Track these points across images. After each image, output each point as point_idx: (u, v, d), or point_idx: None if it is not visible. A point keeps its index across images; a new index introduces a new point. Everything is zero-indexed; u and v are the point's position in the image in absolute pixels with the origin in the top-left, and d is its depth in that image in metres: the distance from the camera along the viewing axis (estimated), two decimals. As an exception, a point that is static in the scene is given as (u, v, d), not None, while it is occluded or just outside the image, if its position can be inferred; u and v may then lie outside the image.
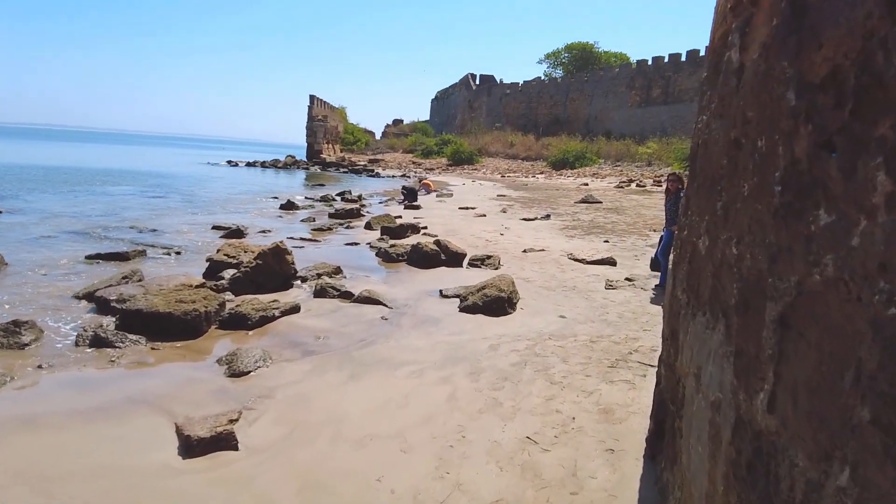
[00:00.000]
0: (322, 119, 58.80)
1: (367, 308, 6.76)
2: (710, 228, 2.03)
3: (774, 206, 1.41)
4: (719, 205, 1.93)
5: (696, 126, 2.87)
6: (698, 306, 2.17)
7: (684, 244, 2.71)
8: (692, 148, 2.94)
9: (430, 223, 14.53)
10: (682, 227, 2.90)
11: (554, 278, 8.57)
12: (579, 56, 64.06)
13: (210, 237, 12.72)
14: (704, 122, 2.45)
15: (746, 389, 1.51)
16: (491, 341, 5.58)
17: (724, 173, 1.90)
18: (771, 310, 1.38)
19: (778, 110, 1.44)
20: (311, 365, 5.04)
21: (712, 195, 2.05)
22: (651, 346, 5.44)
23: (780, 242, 1.37)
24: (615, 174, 36.09)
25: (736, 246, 1.67)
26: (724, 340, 1.71)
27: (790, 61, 1.41)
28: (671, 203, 7.80)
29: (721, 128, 2.04)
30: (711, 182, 2.09)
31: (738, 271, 1.63)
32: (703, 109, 2.67)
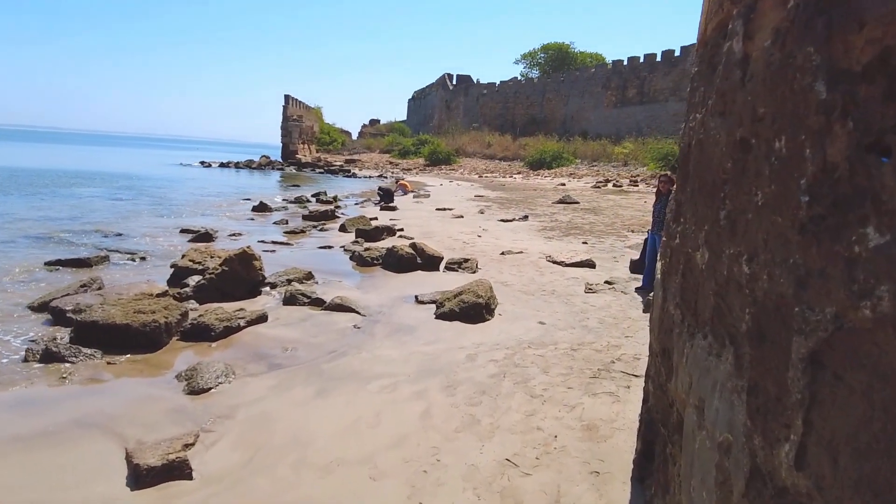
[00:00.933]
0: (297, 119, 58.10)
1: (338, 316, 6.46)
2: (712, 240, 1.79)
3: (800, 219, 1.18)
4: (723, 214, 1.70)
5: (687, 125, 2.65)
6: (697, 326, 1.94)
7: (675, 254, 2.48)
8: (682, 149, 2.72)
9: (406, 225, 14.25)
10: (671, 234, 2.67)
11: (533, 282, 8.36)
12: (555, 56, 64.25)
13: (178, 241, 12.30)
14: (699, 121, 2.22)
15: (765, 435, 1.28)
16: (468, 351, 5.33)
17: (729, 178, 1.67)
18: (799, 345, 1.15)
19: (802, 105, 1.21)
20: (276, 380, 4.73)
21: (713, 202, 1.82)
22: (633, 354, 5.24)
23: (810, 264, 1.14)
24: (592, 174, 36.14)
25: (747, 264, 1.44)
26: (734, 373, 1.48)
27: (818, 47, 1.18)
28: (662, 205, 7.60)
29: (722, 127, 1.81)
30: (711, 187, 1.86)
31: (752, 294, 1.40)
32: (696, 107, 2.45)
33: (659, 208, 7.67)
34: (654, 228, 7.70)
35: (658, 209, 7.68)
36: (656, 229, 7.63)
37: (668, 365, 2.41)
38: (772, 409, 1.26)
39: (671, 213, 2.77)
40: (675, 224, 2.58)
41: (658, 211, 7.68)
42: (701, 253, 1.93)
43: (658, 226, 7.59)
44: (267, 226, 15.02)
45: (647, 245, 7.88)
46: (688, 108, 2.90)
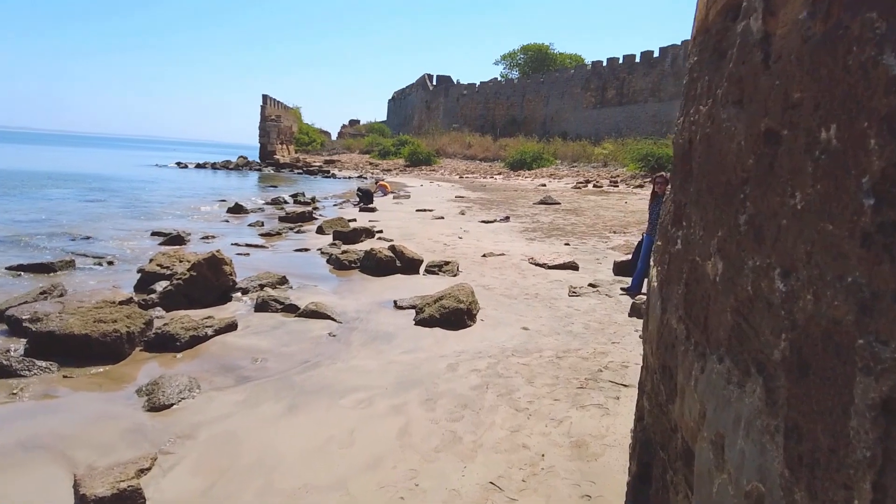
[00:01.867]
0: (275, 119, 57.38)
1: (313, 323, 6.16)
2: (728, 249, 1.56)
3: (863, 227, 0.94)
4: (743, 218, 1.46)
5: (685, 120, 2.43)
6: (708, 345, 1.70)
7: (676, 261, 2.24)
8: (680, 145, 2.49)
9: (385, 226, 13.95)
10: (670, 239, 2.44)
11: (515, 285, 8.12)
12: (535, 57, 64.36)
13: (148, 244, 11.88)
14: (704, 114, 1.99)
15: (812, 492, 1.04)
16: (449, 360, 5.07)
17: (751, 176, 1.43)
18: (866, 388, 0.90)
19: (862, 84, 0.97)
20: (244, 394, 4.43)
21: (728, 205, 1.58)
22: (621, 362, 5.02)
23: (878, 285, 0.90)
24: (572, 175, 36.10)
25: (782, 279, 1.20)
26: (765, 409, 1.24)
27: (883, 11, 0.94)
28: (657, 206, 7.40)
29: (739, 118, 1.57)
30: (725, 188, 1.63)
31: (789, 316, 1.16)
32: (697, 99, 2.22)
33: (655, 209, 7.46)
34: (650, 230, 7.51)
35: (654, 210, 7.47)
36: (654, 232, 7.45)
37: (671, 385, 2.17)
38: (822, 462, 1.01)
39: (669, 216, 2.54)
40: (675, 228, 2.34)
41: (654, 212, 7.48)
42: (713, 262, 1.69)
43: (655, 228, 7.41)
44: (242, 228, 14.62)
45: (643, 246, 7.67)
46: (684, 103, 2.67)
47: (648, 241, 7.52)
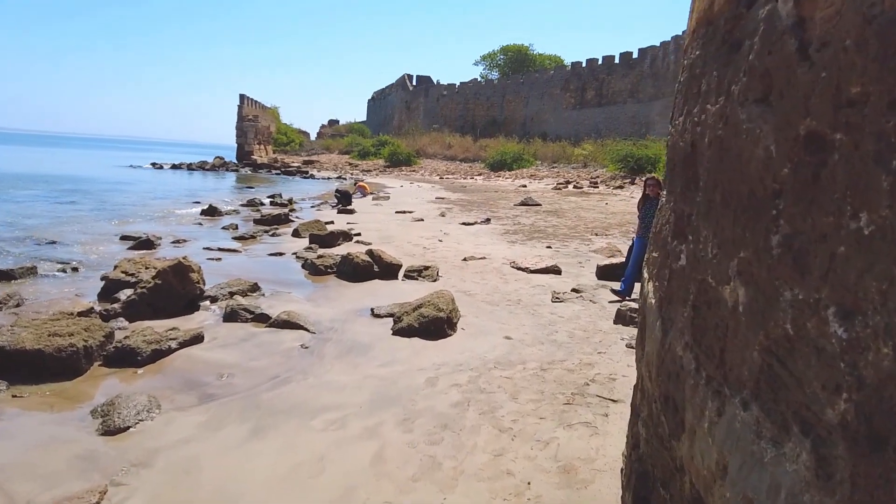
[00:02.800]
0: (253, 119, 56.62)
1: (284, 334, 5.84)
2: (753, 273, 1.31)
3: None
4: (775, 239, 1.21)
5: (688, 119, 2.19)
6: (727, 385, 1.46)
7: (680, 279, 2.00)
8: (681, 148, 2.25)
9: (364, 229, 13.63)
10: (671, 253, 2.20)
11: (497, 291, 7.88)
12: (514, 58, 64.37)
13: (116, 249, 11.42)
14: (714, 113, 1.75)
15: None
16: (428, 373, 4.80)
17: (786, 189, 1.19)
18: None
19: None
20: (206, 415, 4.11)
21: (754, 222, 1.33)
22: (608, 374, 4.79)
23: None
24: (552, 175, 36.03)
25: (841, 322, 0.95)
26: (818, 484, 0.99)
27: None
28: (651, 210, 7.18)
29: (766, 118, 1.33)
30: (748, 200, 1.38)
31: (853, 370, 0.91)
32: (703, 97, 1.98)
33: (649, 212, 7.25)
34: (641, 233, 7.30)
35: (647, 213, 7.26)
36: (646, 234, 7.24)
37: (675, 419, 1.93)
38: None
39: (669, 227, 2.29)
40: (678, 241, 2.10)
41: (646, 215, 7.27)
42: (732, 288, 1.44)
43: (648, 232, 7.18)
44: (215, 231, 14.19)
45: (633, 249, 7.46)
46: (684, 102, 2.43)
47: (640, 243, 7.32)
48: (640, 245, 7.31)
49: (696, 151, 2.03)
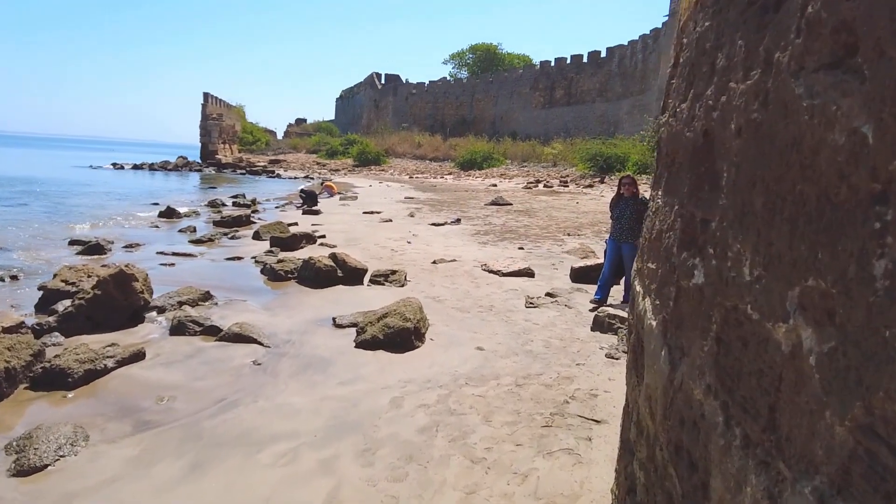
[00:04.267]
0: (217, 118, 55.23)
1: (235, 349, 5.33)
2: (835, 313, 0.91)
3: None
4: (880, 266, 0.81)
5: (700, 103, 1.80)
6: (784, 461, 1.06)
7: (695, 302, 1.61)
8: (689, 139, 1.86)
9: (329, 231, 13.10)
10: (678, 267, 1.81)
11: (468, 296, 7.47)
12: (484, 57, 64.17)
13: (63, 254, 10.69)
14: (746, 91, 1.35)
15: None
16: (393, 392, 4.36)
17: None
18: None
19: None
20: (139, 447, 3.60)
21: (835, 239, 0.93)
22: (589, 390, 4.42)
23: None
24: (522, 175, 35.85)
25: None
26: None
27: None
28: (628, 209, 6.81)
29: (848, 90, 0.93)
30: (821, 210, 0.98)
31: None
32: (720, 73, 1.59)
33: (622, 212, 6.87)
34: (616, 234, 6.93)
35: (622, 213, 6.88)
36: (622, 236, 6.85)
37: (693, 481, 1.53)
38: None
39: (674, 235, 1.90)
40: (689, 253, 1.70)
41: (620, 216, 6.89)
42: (791, 328, 1.04)
43: (626, 233, 6.79)
44: (172, 234, 13.49)
45: (607, 252, 7.09)
46: (686, 85, 2.05)
47: (613, 245, 6.96)
48: (614, 247, 6.96)
49: (711, 142, 1.64)
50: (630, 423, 2.45)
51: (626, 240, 6.79)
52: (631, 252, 6.81)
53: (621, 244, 6.86)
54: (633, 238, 6.76)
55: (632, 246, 6.77)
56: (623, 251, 6.87)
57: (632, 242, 6.74)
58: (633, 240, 6.77)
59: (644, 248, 2.55)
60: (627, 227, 6.78)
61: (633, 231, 6.73)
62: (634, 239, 6.79)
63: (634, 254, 6.97)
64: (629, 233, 6.73)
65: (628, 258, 6.80)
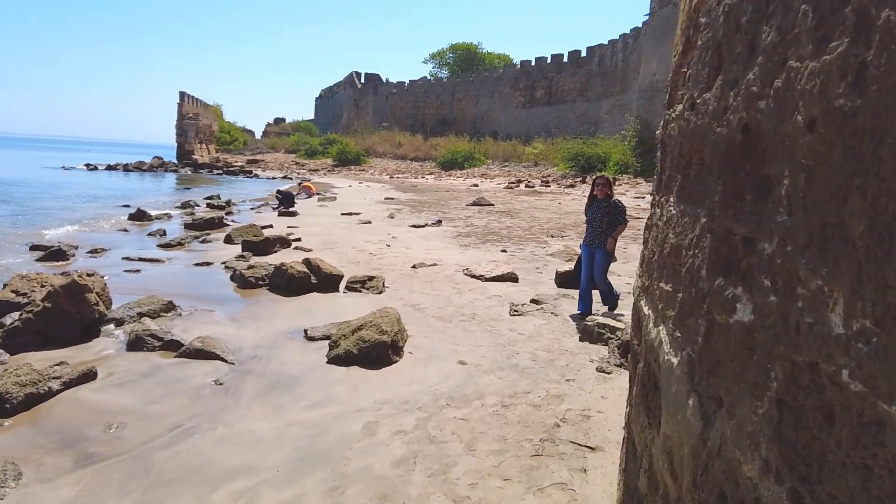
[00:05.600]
0: (193, 117, 54.27)
1: (196, 366, 4.90)
2: None
3: None
4: None
5: (735, 92, 1.45)
6: None
7: (742, 346, 1.26)
8: (718, 137, 1.51)
9: (305, 233, 12.63)
10: (708, 295, 1.46)
11: (450, 303, 7.10)
12: (464, 56, 63.90)
13: (22, 260, 10.10)
14: (822, 70, 1.00)
15: None
16: (367, 416, 3.97)
17: None
18: None
19: None
20: (78, 487, 3.17)
21: None
22: (580, 410, 4.07)
23: None
24: (503, 175, 35.61)
25: None
26: None
27: None
28: (600, 212, 6.42)
29: None
30: None
31: None
32: (767, 53, 1.24)
33: (597, 216, 6.49)
34: (590, 239, 6.56)
35: (594, 217, 6.52)
36: (595, 241, 6.48)
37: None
38: None
39: (702, 255, 1.54)
40: (727, 281, 1.35)
41: (593, 219, 6.53)
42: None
43: (599, 238, 6.43)
44: (141, 237, 12.92)
45: (583, 259, 6.71)
46: (709, 71, 1.69)
47: (587, 252, 6.59)
48: (588, 254, 6.57)
49: (756, 139, 1.28)
50: (638, 468, 2.10)
51: (599, 245, 6.43)
52: (603, 258, 6.47)
53: (595, 250, 6.49)
54: (605, 243, 6.43)
55: (605, 251, 6.44)
56: (596, 257, 6.49)
57: (604, 247, 6.43)
58: (604, 244, 6.44)
59: (652, 264, 2.20)
60: (600, 230, 6.42)
61: (605, 235, 6.42)
62: (605, 243, 6.45)
63: (607, 260, 6.59)
64: (602, 237, 6.41)
65: (600, 264, 6.46)
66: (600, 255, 6.45)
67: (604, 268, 6.50)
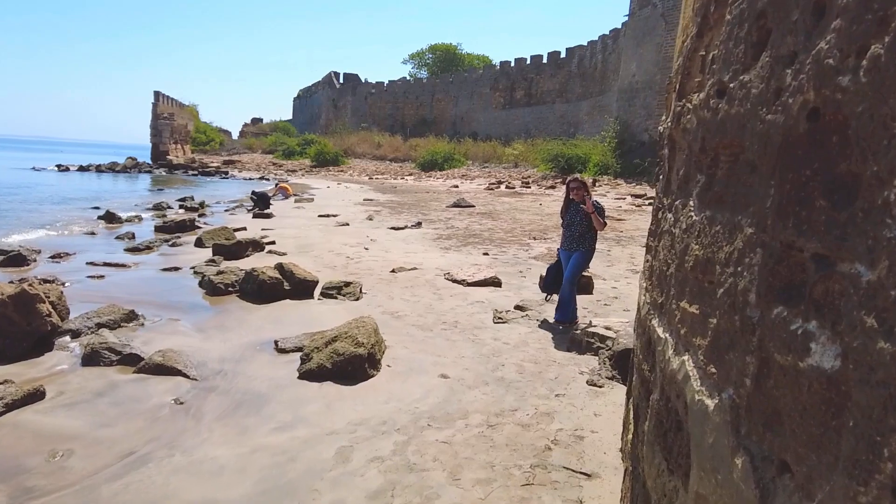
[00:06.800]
0: (168, 117, 53.23)
1: (156, 383, 4.51)
2: None
3: None
4: None
5: (798, 68, 1.14)
6: None
7: (823, 400, 0.95)
8: (771, 127, 1.20)
9: (280, 237, 12.21)
10: (773, 331, 1.15)
11: (430, 310, 6.77)
12: (443, 57, 63.70)
13: (-23, 266, 9.56)
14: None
15: None
16: (340, 439, 3.63)
17: None
18: None
19: None
20: (7, 532, 2.80)
21: None
22: (573, 430, 3.77)
23: None
24: (484, 176, 35.41)
25: None
26: None
27: None
28: (578, 216, 6.13)
29: None
30: None
31: None
32: (846, 13, 0.94)
33: (571, 219, 6.19)
34: (567, 244, 6.26)
35: (572, 220, 6.19)
36: (573, 246, 6.19)
37: None
38: None
39: (745, 275, 1.24)
40: (793, 312, 1.04)
41: (570, 223, 6.21)
42: None
43: (577, 242, 6.16)
44: (109, 241, 12.38)
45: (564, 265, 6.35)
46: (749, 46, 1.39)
47: (566, 256, 6.28)
48: (567, 259, 6.26)
49: (831, 127, 0.98)
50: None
51: (577, 248, 6.16)
52: (579, 259, 6.17)
53: (573, 254, 6.20)
54: (584, 246, 6.15)
55: (582, 253, 6.16)
56: (573, 259, 6.19)
57: (582, 250, 6.15)
58: (584, 248, 6.16)
59: (667, 278, 1.89)
60: (579, 234, 6.14)
61: (584, 239, 6.13)
62: (585, 247, 6.17)
63: (583, 261, 6.17)
64: (580, 241, 6.14)
65: (576, 266, 6.16)
66: (577, 258, 6.16)
67: (578, 271, 6.23)
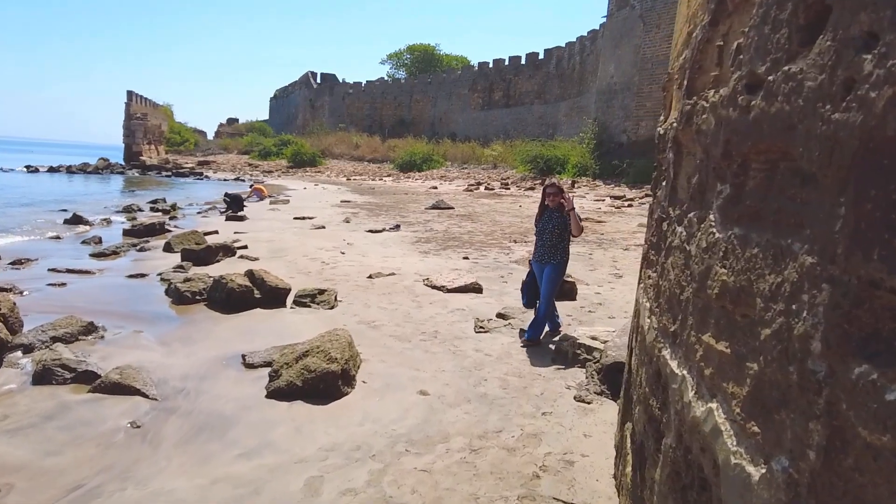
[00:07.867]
0: (141, 117, 52.15)
1: (111, 404, 4.16)
2: None
3: None
4: None
5: (885, 51, 0.89)
6: None
7: None
8: (845, 126, 0.95)
9: (253, 240, 11.82)
10: (872, 408, 0.90)
11: (409, 319, 6.49)
12: (421, 58, 63.40)
13: (-69, 272, 9.04)
14: None
15: None
16: (311, 468, 3.33)
17: None
18: None
19: None
20: (-74, 587, 2.46)
21: None
22: (562, 454, 3.52)
23: None
24: (463, 177, 35.19)
25: None
26: None
27: None
28: (552, 223, 5.70)
29: None
30: None
31: None
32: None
33: (546, 226, 5.74)
34: (540, 255, 5.77)
35: (544, 228, 5.75)
36: (545, 257, 5.72)
37: None
38: None
39: (803, 315, 1.00)
40: (883, 374, 0.80)
41: (543, 230, 5.76)
42: None
43: (548, 253, 5.69)
44: (74, 245, 11.86)
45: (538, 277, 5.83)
46: (795, 30, 1.16)
47: (539, 269, 5.79)
48: (541, 272, 5.76)
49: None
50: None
51: (549, 261, 5.69)
52: (552, 274, 5.66)
53: (545, 267, 5.72)
54: (556, 258, 5.68)
55: (554, 267, 5.67)
56: (545, 274, 5.71)
57: (554, 263, 5.67)
58: (556, 260, 5.68)
59: (681, 303, 1.65)
60: (551, 244, 5.68)
61: (556, 249, 5.66)
62: (557, 259, 5.68)
63: (556, 276, 5.60)
64: (553, 251, 5.67)
65: (550, 282, 5.65)
66: (550, 272, 5.67)
67: (553, 286, 5.70)
